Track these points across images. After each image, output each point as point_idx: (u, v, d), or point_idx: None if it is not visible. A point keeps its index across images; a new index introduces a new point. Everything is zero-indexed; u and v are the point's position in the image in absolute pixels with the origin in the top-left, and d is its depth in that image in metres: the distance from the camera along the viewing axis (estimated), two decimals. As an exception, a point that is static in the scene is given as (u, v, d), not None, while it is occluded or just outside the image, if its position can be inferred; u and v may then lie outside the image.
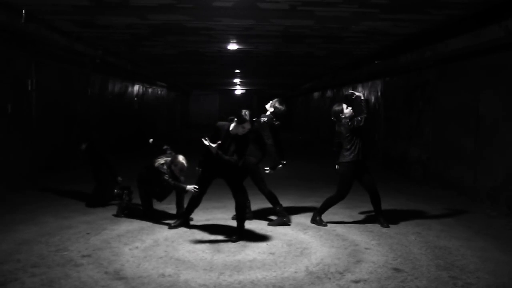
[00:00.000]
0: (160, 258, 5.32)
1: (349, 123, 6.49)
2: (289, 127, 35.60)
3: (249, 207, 7.01)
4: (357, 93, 6.76)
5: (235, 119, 5.97)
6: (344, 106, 6.65)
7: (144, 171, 7.20)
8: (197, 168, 6.43)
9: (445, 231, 6.51)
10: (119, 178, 7.99)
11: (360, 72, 14.28)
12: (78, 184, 9.81)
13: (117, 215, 7.25)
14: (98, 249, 5.58)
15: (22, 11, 7.80)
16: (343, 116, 6.61)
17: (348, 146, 6.55)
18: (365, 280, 4.71)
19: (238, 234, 6.16)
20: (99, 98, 14.17)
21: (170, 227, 6.56)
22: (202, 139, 5.93)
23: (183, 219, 6.65)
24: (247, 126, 5.94)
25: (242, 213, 6.22)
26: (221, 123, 6.23)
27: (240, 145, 6.01)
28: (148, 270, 4.93)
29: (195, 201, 6.53)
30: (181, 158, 6.85)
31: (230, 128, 6.04)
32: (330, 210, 7.15)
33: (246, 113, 5.94)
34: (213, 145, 5.85)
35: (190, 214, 6.69)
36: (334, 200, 6.81)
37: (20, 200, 8.20)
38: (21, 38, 8.85)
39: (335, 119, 6.73)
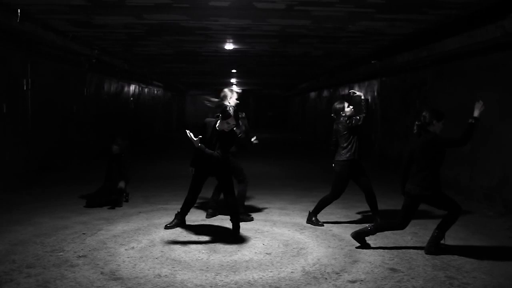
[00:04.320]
0: (156, 258, 5.30)
1: (347, 122, 6.50)
2: (285, 127, 35.66)
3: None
4: (357, 93, 6.81)
5: (220, 115, 5.98)
6: (346, 104, 6.67)
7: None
8: (190, 168, 6.42)
9: (442, 231, 6.51)
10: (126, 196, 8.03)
11: (357, 72, 14.29)
12: (74, 184, 9.79)
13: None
14: (94, 250, 5.56)
15: (18, 11, 7.76)
16: (343, 114, 6.62)
17: (345, 145, 6.56)
18: (362, 280, 4.71)
19: (234, 234, 6.16)
20: (95, 98, 14.15)
21: (166, 227, 6.53)
22: (186, 131, 5.94)
23: (179, 219, 6.63)
24: (232, 121, 5.96)
25: (236, 213, 6.22)
26: (208, 119, 6.28)
27: (224, 140, 6.02)
28: (144, 270, 4.91)
29: (190, 201, 6.53)
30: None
31: (217, 125, 6.06)
32: (327, 210, 7.15)
33: (231, 108, 5.95)
34: (195, 139, 5.86)
35: (186, 214, 6.67)
36: (329, 200, 6.81)
37: (16, 200, 8.17)
38: (16, 37, 8.82)
39: (334, 116, 6.74)
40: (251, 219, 7.05)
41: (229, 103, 6.77)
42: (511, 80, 7.48)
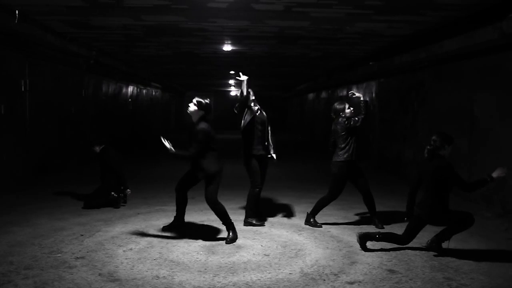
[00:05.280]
0: (155, 259, 5.30)
1: (346, 122, 6.51)
2: (284, 128, 35.66)
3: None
4: (357, 94, 6.82)
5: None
6: (346, 105, 6.68)
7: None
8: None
9: (440, 232, 6.52)
10: (128, 191, 7.98)
11: (355, 73, 14.30)
12: (72, 185, 9.77)
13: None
14: (92, 251, 5.55)
15: (16, 12, 7.76)
16: (342, 115, 6.62)
17: (343, 145, 6.56)
18: (360, 282, 4.71)
19: (226, 238, 6.06)
20: (93, 99, 14.14)
21: (164, 228, 6.52)
22: (161, 137, 5.87)
23: (177, 221, 6.62)
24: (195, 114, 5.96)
25: (224, 216, 6.07)
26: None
27: (193, 139, 5.89)
28: (142, 272, 4.91)
29: (181, 199, 6.50)
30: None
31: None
32: (325, 211, 7.15)
33: (206, 101, 6.01)
34: (168, 146, 5.76)
35: (182, 214, 6.64)
36: (327, 201, 6.81)
37: (14, 202, 8.16)
38: (14, 38, 8.81)
39: (334, 116, 6.74)
40: (261, 225, 6.87)
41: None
42: (509, 82, 7.49)
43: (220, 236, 6.28)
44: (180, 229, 6.53)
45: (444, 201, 5.45)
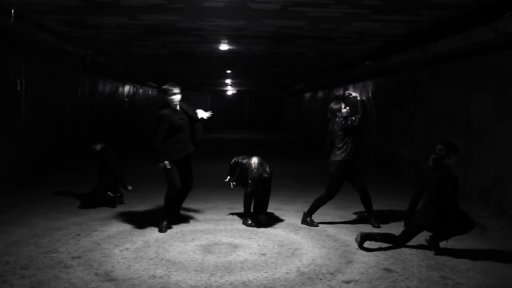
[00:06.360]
0: (151, 259, 5.29)
1: (343, 122, 6.52)
2: (280, 128, 35.67)
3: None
4: (353, 93, 6.83)
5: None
6: (343, 105, 6.69)
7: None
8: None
9: (436, 231, 6.53)
10: (129, 187, 8.07)
11: (352, 72, 14.31)
12: (69, 185, 9.75)
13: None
14: (88, 251, 5.54)
15: (11, 11, 7.73)
16: (339, 115, 6.63)
17: (340, 145, 6.57)
18: (356, 281, 4.72)
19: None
20: (90, 99, 14.11)
21: (161, 229, 6.51)
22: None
23: (172, 221, 6.61)
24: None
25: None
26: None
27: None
28: (138, 271, 4.90)
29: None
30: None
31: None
32: (321, 210, 7.16)
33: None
34: None
35: (177, 212, 6.63)
36: (323, 200, 6.82)
37: (9, 201, 8.13)
38: (10, 38, 8.78)
39: (330, 116, 6.74)
40: (252, 226, 6.79)
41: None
42: (504, 81, 7.51)
43: (217, 235, 6.28)
44: (176, 229, 6.52)
45: (445, 211, 5.43)
